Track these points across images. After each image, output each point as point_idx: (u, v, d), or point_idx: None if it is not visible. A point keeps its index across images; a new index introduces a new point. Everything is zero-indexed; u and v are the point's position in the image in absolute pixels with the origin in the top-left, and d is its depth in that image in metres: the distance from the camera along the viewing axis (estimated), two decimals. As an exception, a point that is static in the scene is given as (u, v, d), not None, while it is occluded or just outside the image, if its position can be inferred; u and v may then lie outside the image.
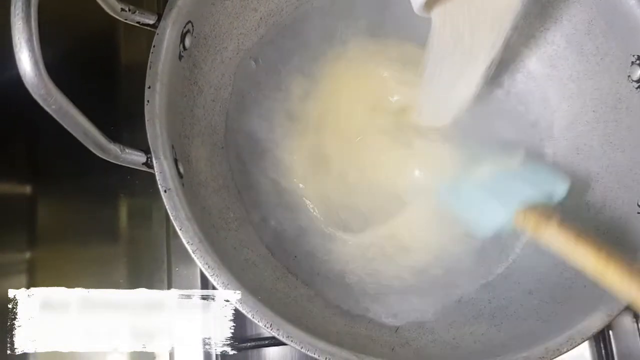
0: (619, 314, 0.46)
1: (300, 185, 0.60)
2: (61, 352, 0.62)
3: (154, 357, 0.62)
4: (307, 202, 0.60)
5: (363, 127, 0.61)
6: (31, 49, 0.33)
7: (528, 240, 0.58)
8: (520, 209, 0.50)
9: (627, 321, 0.61)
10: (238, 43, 0.59)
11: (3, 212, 0.66)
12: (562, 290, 0.52)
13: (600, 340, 0.61)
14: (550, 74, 0.61)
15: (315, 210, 0.59)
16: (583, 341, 0.45)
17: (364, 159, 0.60)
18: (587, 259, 0.44)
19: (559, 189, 0.52)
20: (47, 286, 0.63)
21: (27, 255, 0.65)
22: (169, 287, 0.62)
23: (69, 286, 0.63)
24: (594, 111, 0.58)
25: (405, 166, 0.60)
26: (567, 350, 0.45)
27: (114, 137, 0.42)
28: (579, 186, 0.56)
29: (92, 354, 0.63)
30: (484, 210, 0.53)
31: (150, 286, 0.62)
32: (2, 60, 0.65)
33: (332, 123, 0.61)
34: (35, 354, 0.62)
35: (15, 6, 0.33)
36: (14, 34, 0.33)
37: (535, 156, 0.60)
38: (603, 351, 0.61)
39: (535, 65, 0.62)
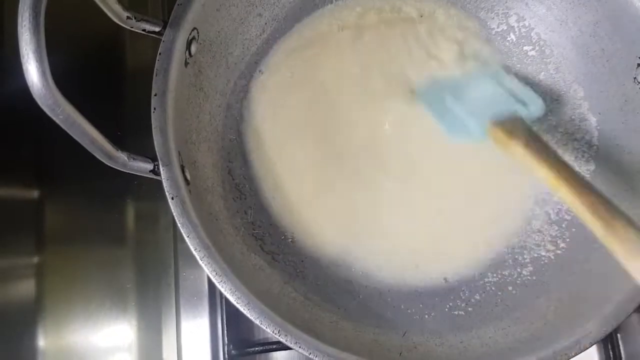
0: (628, 317, 0.46)
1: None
2: (69, 350, 0.63)
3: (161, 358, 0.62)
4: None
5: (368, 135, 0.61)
6: (39, 60, 0.34)
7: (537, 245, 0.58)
8: (493, 120, 0.52)
9: (635, 323, 0.61)
10: (243, 48, 0.59)
11: (11, 217, 0.66)
12: (569, 294, 0.52)
13: (609, 342, 0.61)
14: (554, 77, 0.61)
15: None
16: (591, 345, 0.45)
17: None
18: (542, 173, 0.47)
19: (534, 107, 0.55)
20: (54, 290, 0.64)
21: (35, 259, 0.65)
22: (176, 292, 0.63)
23: (76, 290, 0.64)
24: (599, 113, 0.57)
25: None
26: (576, 354, 0.45)
27: (120, 143, 0.42)
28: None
29: (99, 353, 0.63)
30: (459, 118, 0.55)
31: (157, 291, 0.62)
32: (10, 67, 0.66)
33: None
34: (44, 351, 0.63)
35: (22, 17, 0.33)
36: (22, 45, 0.34)
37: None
38: (611, 353, 0.61)
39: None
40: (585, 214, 0.42)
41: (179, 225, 0.44)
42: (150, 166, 0.44)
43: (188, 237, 0.44)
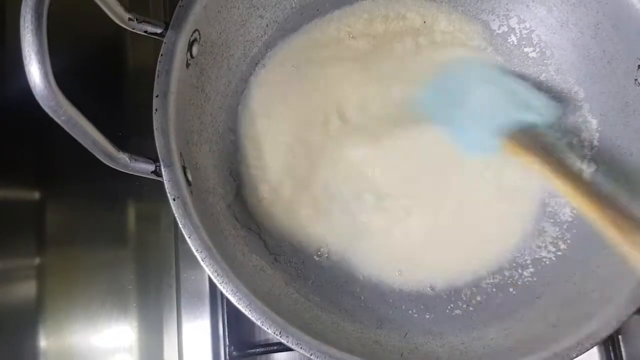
0: (629, 318, 0.46)
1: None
2: (70, 351, 0.63)
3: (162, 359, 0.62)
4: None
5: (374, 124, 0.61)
6: (41, 61, 0.34)
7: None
8: (506, 132, 0.51)
9: (637, 325, 0.61)
10: (244, 50, 0.59)
11: (12, 218, 0.66)
12: (570, 295, 0.52)
13: (610, 344, 0.61)
14: (555, 79, 0.61)
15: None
16: (592, 346, 0.45)
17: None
18: (566, 186, 0.47)
19: (546, 113, 0.53)
20: (55, 291, 0.64)
21: (36, 260, 0.65)
22: (177, 293, 0.63)
23: (77, 291, 0.64)
24: (600, 115, 0.57)
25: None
26: (577, 356, 0.45)
27: (121, 144, 0.42)
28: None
29: (100, 354, 0.63)
30: (471, 130, 0.54)
31: (158, 292, 0.62)
32: (12, 68, 0.66)
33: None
34: (45, 352, 0.63)
35: (24, 19, 0.33)
36: (24, 46, 0.34)
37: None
38: (612, 354, 0.61)
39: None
40: (606, 227, 0.43)
41: (180, 226, 0.44)
42: (151, 167, 0.44)
43: (189, 237, 0.44)
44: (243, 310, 0.43)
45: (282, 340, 0.43)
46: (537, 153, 0.48)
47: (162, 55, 0.47)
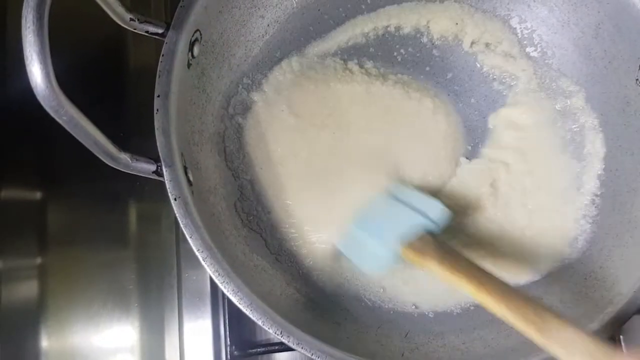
0: (630, 318, 0.46)
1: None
2: (72, 351, 0.63)
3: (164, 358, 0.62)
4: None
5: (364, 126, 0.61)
6: (42, 62, 0.34)
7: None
8: (403, 242, 0.50)
9: (638, 325, 0.61)
10: (245, 50, 0.59)
11: (14, 218, 0.66)
12: (571, 295, 0.52)
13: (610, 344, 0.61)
14: (556, 78, 0.61)
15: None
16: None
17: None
18: (467, 287, 0.45)
19: (436, 216, 0.52)
20: (57, 291, 0.64)
21: (38, 260, 0.65)
22: (178, 293, 0.63)
23: (79, 291, 0.64)
24: (601, 114, 0.57)
25: None
26: (578, 356, 0.44)
27: (123, 144, 0.42)
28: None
29: (101, 353, 0.63)
30: (370, 250, 0.53)
31: (160, 292, 0.62)
32: (13, 69, 0.66)
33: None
34: (47, 352, 0.63)
35: (26, 19, 0.33)
36: (26, 46, 0.34)
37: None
38: (613, 355, 0.61)
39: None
40: (515, 320, 0.41)
41: (181, 226, 0.44)
42: (153, 167, 0.44)
43: (191, 237, 0.44)
44: (244, 310, 0.43)
45: (283, 340, 0.43)
46: (434, 257, 0.48)
47: (163, 55, 0.47)
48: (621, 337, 0.61)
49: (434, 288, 0.57)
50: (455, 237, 0.58)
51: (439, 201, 0.53)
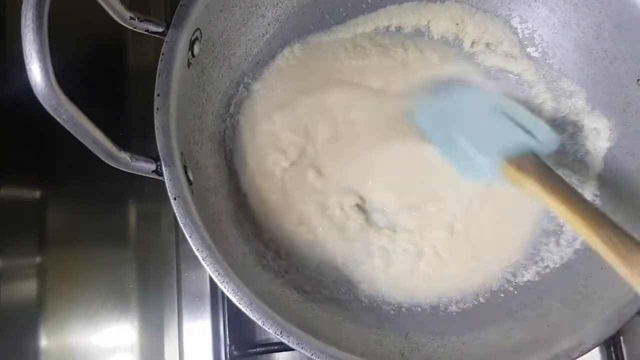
0: (630, 319, 0.46)
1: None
2: (71, 350, 0.63)
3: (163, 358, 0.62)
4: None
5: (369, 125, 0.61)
6: (42, 60, 0.34)
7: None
8: (504, 157, 0.50)
9: (638, 326, 0.61)
10: (246, 49, 0.59)
11: (13, 217, 0.66)
12: (572, 295, 0.52)
13: (611, 345, 0.61)
14: (557, 79, 0.60)
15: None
16: (594, 347, 0.45)
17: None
18: (559, 210, 0.46)
19: (545, 140, 0.52)
20: (56, 290, 0.64)
21: (37, 259, 0.65)
22: (178, 293, 0.63)
23: (78, 290, 0.64)
24: (602, 115, 0.57)
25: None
26: (578, 356, 0.45)
27: (122, 143, 0.42)
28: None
29: (100, 353, 0.63)
30: (469, 156, 0.53)
31: (159, 291, 0.62)
32: (12, 67, 0.66)
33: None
34: (46, 351, 0.63)
35: (25, 17, 0.33)
36: (25, 44, 0.33)
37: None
38: (614, 355, 0.61)
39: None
40: (602, 247, 0.42)
41: (181, 225, 0.44)
42: (152, 166, 0.44)
43: (190, 237, 0.44)
44: (244, 309, 0.43)
45: (283, 340, 0.43)
46: (535, 177, 0.48)
47: (163, 54, 0.47)
48: (621, 337, 0.61)
49: (434, 288, 0.57)
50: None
51: (547, 124, 0.54)
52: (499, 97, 0.59)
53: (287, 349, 0.60)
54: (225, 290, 0.43)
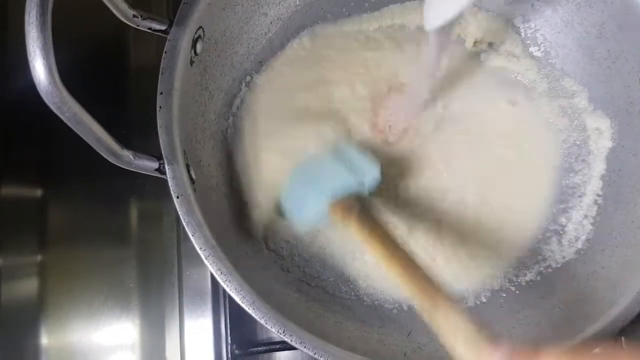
0: (632, 319, 0.46)
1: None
2: (72, 349, 0.63)
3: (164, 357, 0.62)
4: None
5: None
6: (45, 57, 0.34)
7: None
8: (332, 200, 0.50)
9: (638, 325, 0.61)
10: (248, 47, 0.59)
11: (14, 216, 0.66)
12: (574, 295, 0.52)
13: (612, 345, 0.61)
14: (559, 78, 0.60)
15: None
16: (596, 347, 0.45)
17: None
18: (377, 253, 0.46)
19: (368, 178, 0.52)
20: (57, 289, 0.64)
21: (38, 258, 0.65)
22: (179, 291, 0.63)
23: (79, 289, 0.64)
24: (605, 114, 0.57)
25: None
26: (580, 356, 0.44)
27: (125, 141, 0.42)
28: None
29: (101, 351, 0.63)
30: (303, 204, 0.53)
31: (160, 290, 0.62)
32: (16, 64, 0.66)
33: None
34: (47, 350, 0.63)
35: (29, 15, 0.33)
36: (28, 42, 0.33)
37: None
38: (615, 355, 0.61)
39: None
40: (413, 294, 0.42)
41: (184, 224, 0.44)
42: (155, 165, 0.44)
43: (193, 235, 0.43)
44: (247, 308, 0.43)
45: (286, 339, 0.43)
46: (354, 219, 0.48)
47: (166, 52, 0.47)
48: (622, 338, 0.61)
49: (454, 272, 0.58)
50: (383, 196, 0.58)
51: (378, 167, 0.53)
52: (339, 142, 0.58)
53: (289, 348, 0.60)
54: (228, 289, 0.43)
